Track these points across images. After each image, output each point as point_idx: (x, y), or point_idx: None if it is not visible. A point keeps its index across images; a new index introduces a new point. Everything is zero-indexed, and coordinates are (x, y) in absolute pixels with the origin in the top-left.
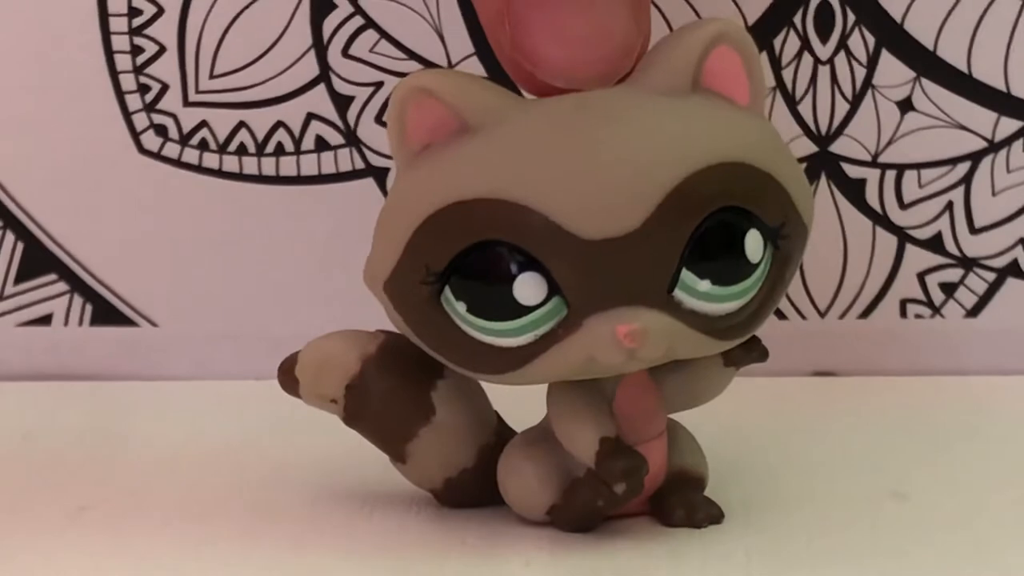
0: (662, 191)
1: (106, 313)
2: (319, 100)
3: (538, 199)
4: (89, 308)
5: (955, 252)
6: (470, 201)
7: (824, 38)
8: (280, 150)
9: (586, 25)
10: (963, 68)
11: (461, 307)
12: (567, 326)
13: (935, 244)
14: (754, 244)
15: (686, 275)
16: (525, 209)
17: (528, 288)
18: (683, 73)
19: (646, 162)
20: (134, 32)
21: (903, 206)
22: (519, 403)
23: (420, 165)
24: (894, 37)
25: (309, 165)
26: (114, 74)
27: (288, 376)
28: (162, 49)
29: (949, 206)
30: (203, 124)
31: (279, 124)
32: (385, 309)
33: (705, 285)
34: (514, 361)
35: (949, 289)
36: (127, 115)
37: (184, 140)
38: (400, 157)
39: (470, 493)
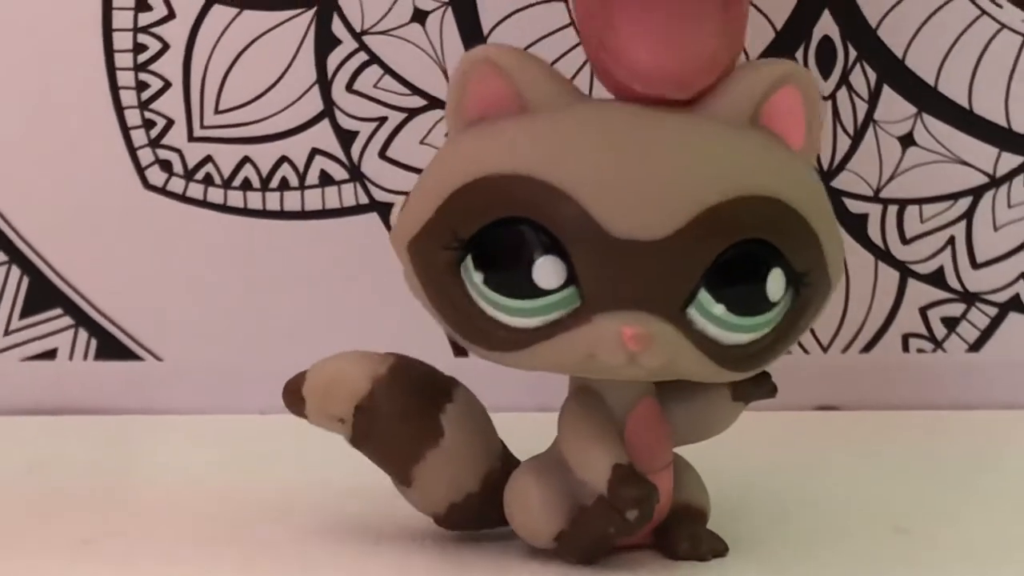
0: (698, 207)
1: (111, 347)
2: (323, 135)
3: (576, 186)
4: (94, 342)
5: (957, 287)
6: (509, 176)
7: (826, 73)
8: (284, 185)
9: (675, 35)
10: (964, 104)
11: (479, 277)
12: (577, 317)
13: (937, 279)
14: (776, 283)
15: (703, 295)
16: (562, 194)
17: (547, 271)
18: (744, 105)
19: (690, 176)
20: (139, 68)
21: (905, 241)
22: (522, 433)
23: (470, 134)
24: (896, 73)
25: (313, 200)
26: (119, 110)
27: (295, 396)
28: (167, 85)
29: (951, 241)
30: (208, 159)
31: (283, 159)
32: (404, 271)
33: (720, 309)
34: (518, 342)
35: (951, 323)
36: (132, 150)
37: (189, 175)
38: (454, 124)
39: (473, 519)
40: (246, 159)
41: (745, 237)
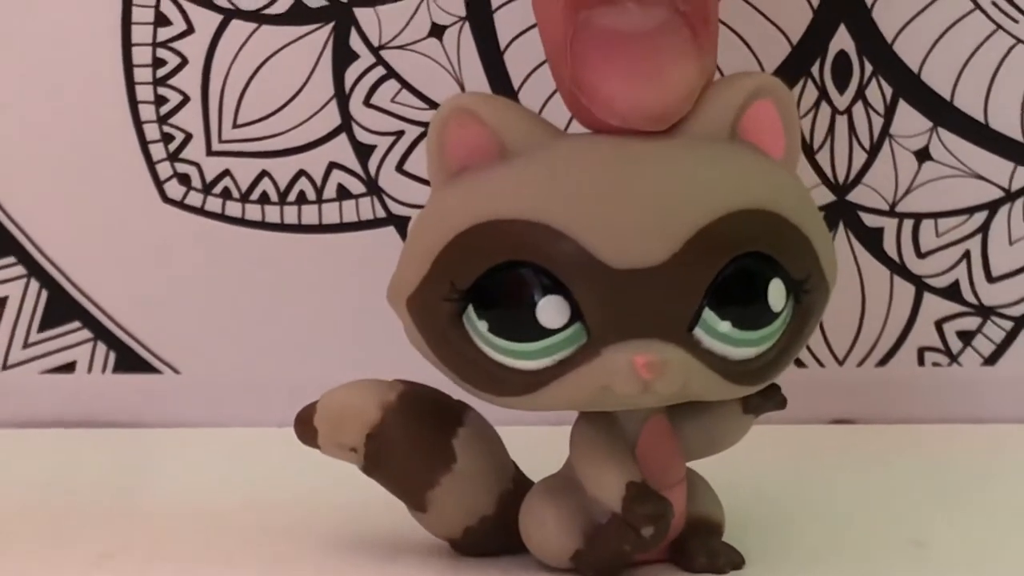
0: (691, 228)
1: (129, 360)
2: (341, 149)
3: (569, 224)
4: (112, 355)
5: (972, 300)
6: (501, 221)
7: (842, 88)
8: (302, 199)
9: (650, 67)
10: (980, 118)
11: (483, 326)
12: (586, 353)
13: (952, 292)
14: (777, 293)
15: (708, 314)
16: (556, 233)
17: (551, 311)
18: (722, 122)
19: (678, 199)
20: (158, 82)
21: (920, 255)
22: (533, 454)
23: (455, 185)
24: (911, 87)
25: (331, 214)
26: (138, 124)
27: (306, 426)
28: (186, 99)
29: (966, 255)
30: (226, 173)
31: (301, 173)
32: (405, 328)
33: (725, 327)
34: (530, 385)
35: (967, 337)
36: (151, 164)
37: (207, 189)
38: (437, 176)
39: (489, 542)
40: (264, 173)
41: (741, 252)
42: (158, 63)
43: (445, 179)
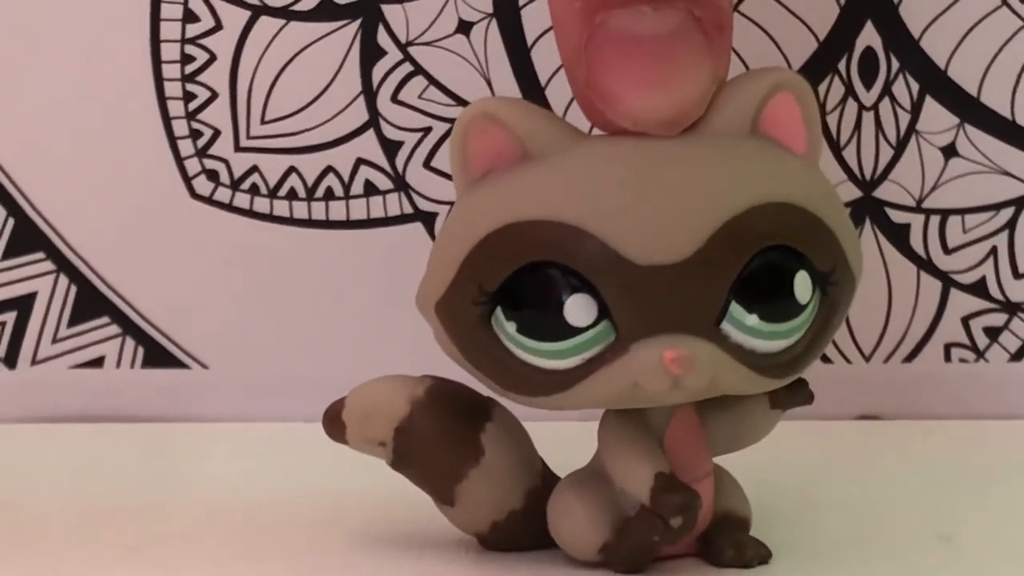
0: (715, 223)
1: (157, 355)
2: (368, 145)
3: (594, 223)
4: (141, 351)
5: (999, 297)
6: (527, 223)
7: (868, 84)
8: (330, 195)
9: (664, 71)
10: (1007, 114)
11: (511, 327)
12: (614, 350)
13: (979, 289)
14: (803, 285)
15: (734, 308)
16: (581, 232)
17: (579, 310)
18: (742, 118)
19: (701, 195)
20: (186, 79)
21: (947, 251)
22: (559, 449)
23: (480, 189)
24: (938, 83)
25: (358, 210)
26: (167, 120)
27: (334, 421)
28: (214, 95)
29: (993, 251)
30: (254, 169)
31: (329, 169)
32: (434, 332)
33: (753, 320)
34: (560, 384)
35: (993, 333)
36: (179, 160)
37: (235, 185)
38: (461, 181)
39: (516, 536)
40: (292, 169)
41: (765, 245)
42: (186, 59)
43: (469, 184)
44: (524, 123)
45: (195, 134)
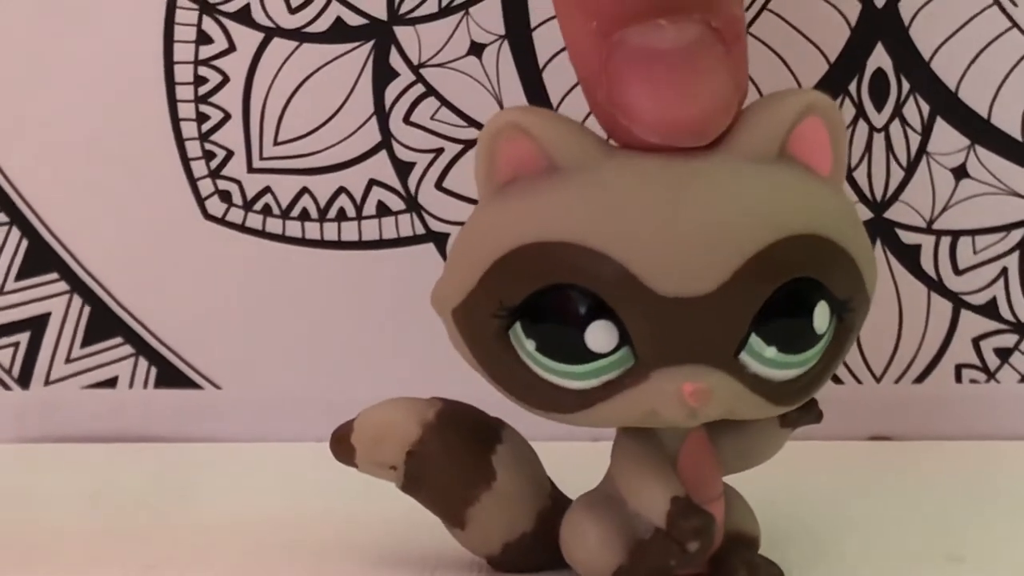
0: (741, 257)
1: (170, 376)
2: (381, 166)
3: (619, 249)
4: (154, 371)
5: (1010, 318)
6: (551, 243)
7: (879, 106)
8: (342, 215)
9: (685, 84)
10: (1017, 136)
11: (530, 345)
12: (633, 376)
13: (990, 310)
14: (822, 315)
15: (754, 340)
16: (605, 258)
17: (600, 335)
18: (771, 140)
19: (728, 227)
20: (200, 100)
21: (958, 272)
22: (567, 470)
23: (505, 198)
24: (949, 105)
25: (370, 230)
26: (180, 141)
27: (343, 444)
28: (227, 116)
29: (1004, 272)
30: (267, 190)
31: (341, 190)
32: (448, 334)
33: (771, 352)
34: (576, 403)
35: (1004, 354)
36: (192, 181)
37: (248, 206)
38: (486, 188)
39: (527, 558)
40: (304, 190)
41: (789, 278)
42: (200, 81)
43: (493, 191)
44: (553, 135)
45: (208, 155)
